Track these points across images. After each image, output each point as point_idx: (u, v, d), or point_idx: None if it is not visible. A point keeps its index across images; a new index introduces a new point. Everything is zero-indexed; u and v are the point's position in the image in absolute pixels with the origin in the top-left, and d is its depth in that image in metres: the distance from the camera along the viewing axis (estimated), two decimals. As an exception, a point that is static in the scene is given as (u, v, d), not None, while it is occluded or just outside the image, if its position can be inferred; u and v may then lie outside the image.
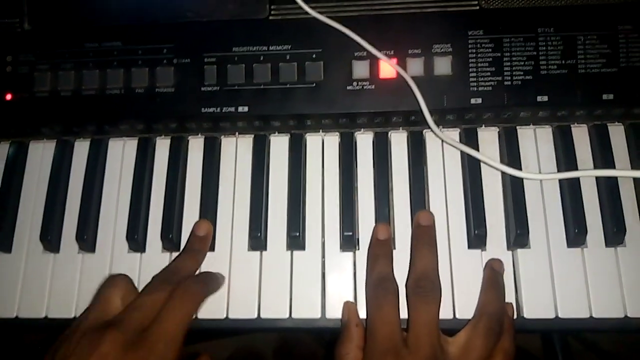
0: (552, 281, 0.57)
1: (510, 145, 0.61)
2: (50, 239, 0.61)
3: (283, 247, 0.60)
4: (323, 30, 0.61)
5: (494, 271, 0.56)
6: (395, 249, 0.58)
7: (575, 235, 0.57)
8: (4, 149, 0.66)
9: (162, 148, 0.65)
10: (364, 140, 0.63)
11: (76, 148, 0.66)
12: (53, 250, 0.62)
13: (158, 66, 0.62)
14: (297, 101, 0.60)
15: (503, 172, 0.60)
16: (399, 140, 0.63)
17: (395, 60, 0.60)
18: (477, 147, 0.61)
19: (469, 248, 0.58)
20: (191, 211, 0.62)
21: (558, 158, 0.61)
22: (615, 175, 0.58)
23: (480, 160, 0.60)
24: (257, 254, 0.60)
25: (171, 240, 0.60)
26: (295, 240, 0.59)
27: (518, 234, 0.57)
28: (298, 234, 0.59)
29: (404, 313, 0.52)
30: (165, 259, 0.60)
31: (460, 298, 0.56)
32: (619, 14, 0.59)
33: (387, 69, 0.60)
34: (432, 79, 0.59)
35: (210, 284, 0.56)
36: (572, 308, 0.56)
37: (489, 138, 0.62)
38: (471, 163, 0.60)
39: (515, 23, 0.60)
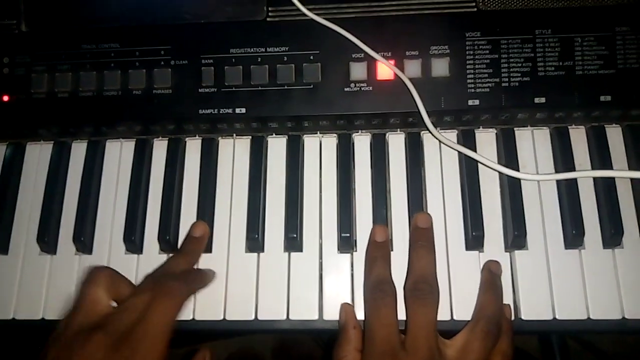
0: (550, 283, 0.57)
1: (507, 147, 0.61)
2: (47, 240, 0.61)
3: (280, 249, 0.60)
4: (320, 32, 0.61)
5: (492, 273, 0.56)
6: (392, 250, 0.58)
7: (573, 236, 0.57)
8: (1, 150, 0.66)
9: (160, 149, 0.65)
10: (362, 142, 0.63)
11: (73, 149, 0.66)
12: (50, 251, 0.62)
13: (155, 68, 0.62)
14: (295, 103, 0.60)
15: (500, 174, 0.60)
16: (396, 142, 0.63)
17: (392, 61, 0.60)
18: (475, 149, 0.61)
19: (466, 249, 0.58)
20: (188, 213, 0.62)
21: (556, 160, 0.61)
22: (612, 176, 0.58)
23: (478, 161, 0.60)
24: (255, 255, 0.60)
25: (168, 242, 0.60)
26: (293, 242, 0.59)
27: (516, 235, 0.57)
28: (295, 235, 0.59)
29: (402, 315, 0.52)
30: (162, 260, 0.60)
31: (457, 300, 0.56)
32: (616, 16, 0.59)
33: (385, 70, 0.60)
34: (430, 80, 0.59)
35: (195, 282, 0.56)
36: (570, 309, 0.56)
37: (486, 139, 0.62)
38: (469, 164, 0.60)
39: (513, 25, 0.60)
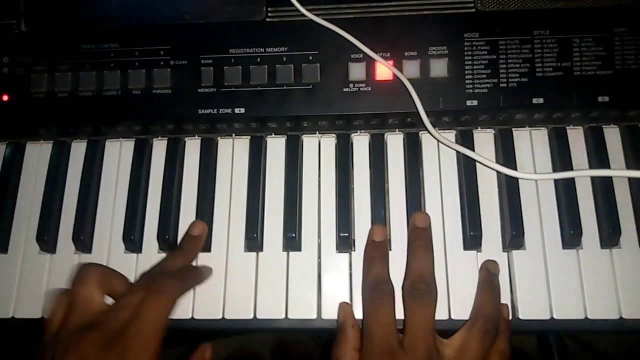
0: (548, 282, 0.57)
1: (505, 147, 0.61)
2: (46, 240, 0.61)
3: (279, 248, 0.60)
4: (319, 33, 0.61)
5: (490, 273, 0.56)
6: (391, 250, 0.59)
7: (571, 236, 0.57)
8: (0, 149, 0.66)
9: (159, 149, 0.65)
10: (361, 142, 0.63)
11: (73, 149, 0.66)
12: (49, 250, 0.62)
13: (155, 68, 0.62)
14: (294, 103, 0.60)
15: (499, 174, 0.60)
16: (395, 142, 0.63)
17: (391, 62, 0.60)
18: (473, 149, 0.61)
19: (464, 249, 0.59)
20: (188, 212, 0.62)
21: (553, 160, 0.61)
22: (609, 175, 0.59)
23: (476, 161, 0.60)
24: (254, 254, 0.60)
25: (167, 241, 0.60)
26: (292, 241, 0.59)
27: (513, 235, 0.57)
28: (294, 235, 0.59)
29: (400, 314, 0.52)
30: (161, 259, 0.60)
31: (455, 299, 0.57)
32: (615, 17, 0.59)
33: (384, 71, 0.60)
34: (428, 81, 0.59)
35: (190, 279, 0.56)
36: (567, 309, 0.56)
37: (484, 140, 0.62)
38: (467, 165, 0.60)
39: (511, 25, 0.60)
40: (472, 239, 0.58)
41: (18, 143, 0.66)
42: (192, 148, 0.65)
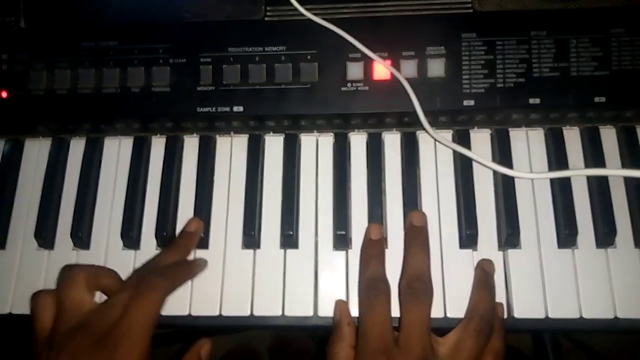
0: (543, 281, 0.57)
1: (502, 147, 0.61)
2: (44, 236, 0.62)
3: (276, 246, 0.60)
4: (318, 32, 0.61)
5: (485, 272, 0.56)
6: (387, 248, 0.59)
7: (566, 236, 0.57)
8: (-1, 146, 0.67)
9: (158, 147, 0.65)
10: (358, 141, 0.64)
11: (72, 146, 0.66)
12: (47, 247, 0.62)
13: (154, 66, 0.62)
14: (292, 102, 0.61)
15: (495, 173, 0.60)
16: (392, 141, 0.63)
17: (389, 61, 0.60)
18: (470, 149, 0.61)
19: (460, 248, 0.59)
20: (186, 209, 0.62)
21: (550, 160, 0.61)
22: (605, 174, 0.59)
23: (472, 160, 0.60)
24: (251, 252, 0.60)
25: (165, 238, 0.60)
26: (289, 239, 0.60)
27: (509, 234, 0.57)
28: (291, 232, 0.59)
29: (396, 312, 0.52)
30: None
31: (451, 297, 0.57)
32: (612, 18, 0.59)
33: (381, 70, 0.60)
34: (426, 80, 0.60)
35: (180, 275, 0.56)
36: (562, 308, 0.56)
37: (481, 140, 0.62)
38: (463, 164, 0.61)
39: (509, 26, 0.60)
40: (468, 237, 0.58)
41: (17, 139, 0.66)
42: (191, 146, 0.65)
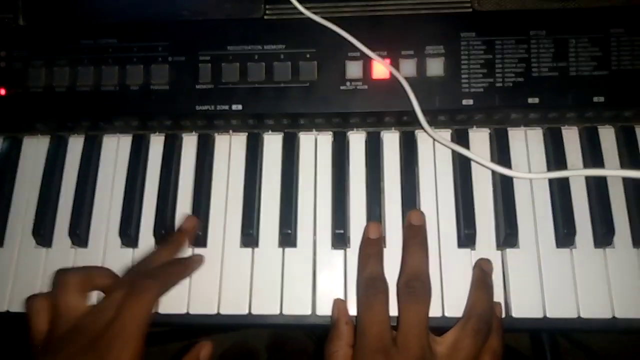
0: (541, 281, 0.57)
1: (500, 147, 0.61)
2: (43, 234, 0.61)
3: (275, 244, 0.60)
4: (317, 31, 0.61)
5: (483, 271, 0.56)
6: (386, 247, 0.59)
7: (565, 235, 0.57)
8: (-3, 143, 0.66)
9: (156, 145, 0.65)
10: (357, 140, 0.64)
11: (70, 144, 0.66)
12: (46, 244, 0.62)
13: (153, 64, 0.62)
14: (291, 100, 0.61)
15: (493, 173, 0.60)
16: (391, 140, 0.63)
17: (388, 61, 0.60)
18: (468, 148, 0.61)
19: (458, 247, 0.59)
20: (184, 208, 0.62)
21: (548, 160, 0.61)
22: (603, 174, 0.59)
23: (471, 160, 0.60)
24: (249, 250, 0.60)
25: (164, 236, 0.60)
26: (287, 238, 0.60)
27: (507, 233, 0.58)
28: (290, 231, 0.59)
29: (394, 311, 0.52)
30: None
31: (449, 296, 0.57)
32: (611, 18, 0.59)
33: (380, 69, 0.60)
34: (425, 80, 0.60)
35: (173, 275, 0.56)
36: (560, 308, 0.56)
37: (480, 139, 0.62)
38: (462, 163, 0.61)
39: (508, 25, 0.60)
40: (467, 237, 0.58)
41: (15, 137, 0.66)
42: (189, 144, 0.65)
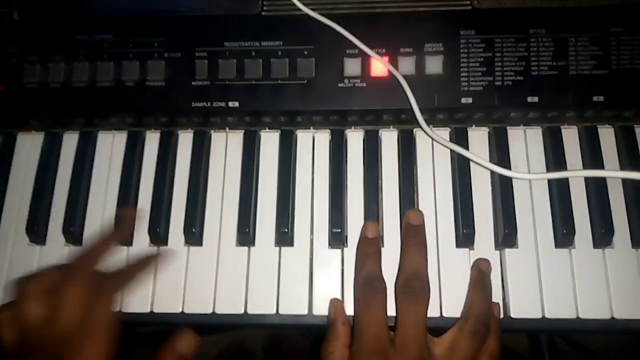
0: (540, 281, 0.57)
1: (499, 146, 0.61)
2: (36, 231, 0.61)
3: (271, 243, 0.60)
4: (315, 27, 0.61)
5: (481, 272, 0.56)
6: (384, 247, 0.58)
7: (564, 236, 0.57)
8: (-8, 139, 0.66)
9: (152, 142, 0.64)
10: (355, 138, 0.63)
11: (65, 140, 0.65)
12: (39, 242, 0.61)
13: (149, 60, 0.61)
14: (288, 97, 0.60)
15: (492, 172, 0.60)
16: (389, 139, 0.63)
17: (386, 58, 0.60)
18: (467, 147, 0.61)
19: (457, 247, 0.58)
20: (179, 206, 0.61)
21: (547, 159, 0.61)
22: (603, 175, 0.59)
23: (470, 159, 0.60)
24: (245, 249, 0.60)
25: (159, 234, 0.60)
26: (284, 237, 0.59)
27: (506, 233, 0.57)
28: (287, 230, 0.59)
29: (391, 311, 0.52)
30: (153, 252, 0.60)
31: (447, 296, 0.57)
32: (611, 16, 0.59)
33: (379, 67, 0.60)
34: (423, 78, 0.59)
35: (133, 272, 0.57)
36: (559, 308, 0.56)
37: (479, 138, 0.62)
38: (461, 162, 0.60)
39: (507, 24, 0.60)
40: (465, 236, 0.58)
41: (9, 133, 0.66)
42: (185, 141, 0.64)
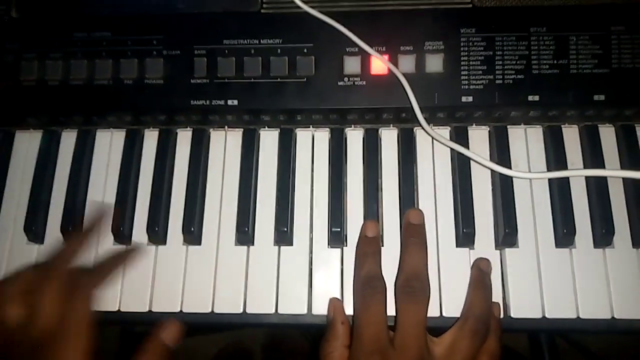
0: (540, 281, 0.57)
1: (500, 145, 0.61)
2: (34, 230, 0.61)
3: (270, 242, 0.60)
4: (315, 25, 0.60)
5: (481, 271, 0.56)
6: (383, 246, 0.58)
7: (564, 235, 0.57)
8: (-11, 138, 0.65)
9: (150, 140, 0.64)
10: (355, 137, 0.63)
11: (63, 138, 0.65)
12: (37, 241, 0.61)
13: (147, 57, 0.61)
14: (288, 96, 0.60)
15: (493, 171, 0.60)
16: (389, 137, 0.63)
17: (386, 56, 0.59)
18: (467, 146, 0.61)
19: (457, 246, 0.58)
20: (178, 204, 0.61)
21: (548, 158, 0.61)
22: (604, 175, 0.58)
23: (470, 158, 0.60)
24: (245, 248, 0.59)
25: (157, 233, 0.60)
26: (283, 235, 0.59)
27: (506, 233, 0.57)
28: (286, 229, 0.59)
29: (391, 311, 0.52)
30: (151, 251, 0.60)
31: (447, 296, 0.56)
32: (612, 15, 0.59)
33: (379, 65, 0.59)
34: (424, 76, 0.59)
35: (106, 270, 0.57)
36: (559, 308, 0.56)
37: (479, 137, 0.62)
38: (461, 161, 0.60)
39: (508, 22, 0.59)
40: (465, 236, 0.58)
41: (7, 131, 0.65)
42: (184, 140, 0.64)
